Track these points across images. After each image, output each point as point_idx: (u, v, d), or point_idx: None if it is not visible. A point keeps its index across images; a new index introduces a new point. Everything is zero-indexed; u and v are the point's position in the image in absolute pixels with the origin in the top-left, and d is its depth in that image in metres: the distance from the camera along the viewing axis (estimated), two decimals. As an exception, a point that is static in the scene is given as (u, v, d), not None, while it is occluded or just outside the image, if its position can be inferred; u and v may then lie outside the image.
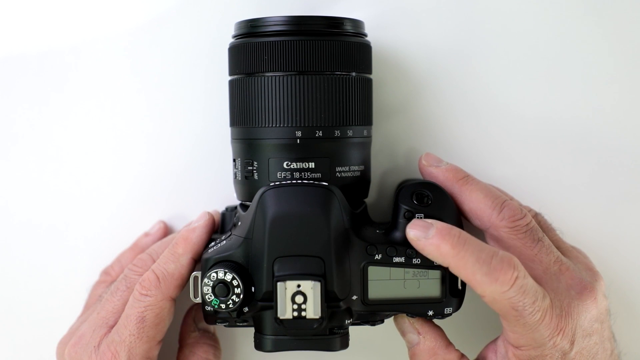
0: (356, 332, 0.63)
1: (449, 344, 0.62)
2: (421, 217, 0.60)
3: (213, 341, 0.68)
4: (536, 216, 0.64)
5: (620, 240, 0.71)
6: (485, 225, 0.61)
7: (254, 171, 0.61)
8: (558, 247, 0.62)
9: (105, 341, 0.61)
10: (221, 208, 0.67)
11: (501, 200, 0.61)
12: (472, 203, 0.61)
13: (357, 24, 0.63)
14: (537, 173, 0.70)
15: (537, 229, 0.61)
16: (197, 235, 0.63)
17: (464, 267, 0.57)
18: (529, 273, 0.57)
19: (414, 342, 0.62)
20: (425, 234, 0.58)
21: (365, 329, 0.64)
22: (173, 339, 0.68)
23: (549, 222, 0.66)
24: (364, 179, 0.63)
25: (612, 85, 0.69)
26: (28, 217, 0.72)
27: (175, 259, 0.62)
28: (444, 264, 0.58)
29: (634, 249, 0.71)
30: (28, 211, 0.71)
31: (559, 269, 0.60)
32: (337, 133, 0.61)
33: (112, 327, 0.62)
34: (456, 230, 0.58)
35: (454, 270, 0.57)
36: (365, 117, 0.63)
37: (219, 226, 0.65)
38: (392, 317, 0.63)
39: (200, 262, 0.61)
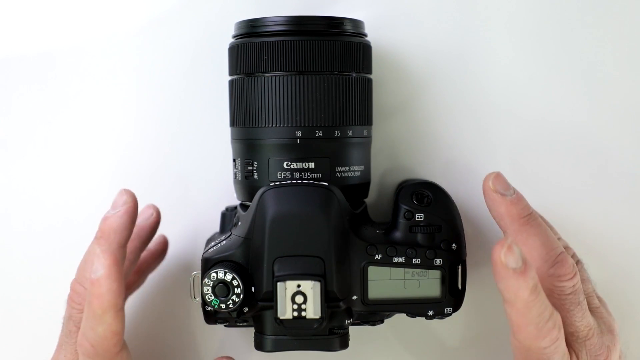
0: (356, 332, 0.63)
1: None
2: (421, 218, 0.60)
3: None
4: (576, 264, 0.62)
5: (621, 240, 0.71)
6: None
7: (254, 171, 0.61)
8: (589, 303, 0.62)
9: None
10: (221, 208, 0.67)
11: (556, 253, 0.59)
12: (526, 247, 0.59)
13: (357, 24, 0.63)
14: (537, 173, 0.70)
15: (580, 291, 0.60)
16: (106, 289, 0.56)
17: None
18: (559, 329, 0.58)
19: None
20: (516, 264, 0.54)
21: (365, 329, 0.64)
22: (171, 338, 0.68)
23: (587, 274, 0.64)
24: (364, 179, 0.63)
25: (611, 86, 0.69)
26: (27, 217, 0.71)
27: (98, 321, 0.57)
28: (512, 304, 0.55)
29: (634, 248, 0.71)
30: (27, 211, 0.71)
31: (586, 335, 0.59)
32: (337, 133, 0.61)
33: None
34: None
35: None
36: (365, 117, 0.63)
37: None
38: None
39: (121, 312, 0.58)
